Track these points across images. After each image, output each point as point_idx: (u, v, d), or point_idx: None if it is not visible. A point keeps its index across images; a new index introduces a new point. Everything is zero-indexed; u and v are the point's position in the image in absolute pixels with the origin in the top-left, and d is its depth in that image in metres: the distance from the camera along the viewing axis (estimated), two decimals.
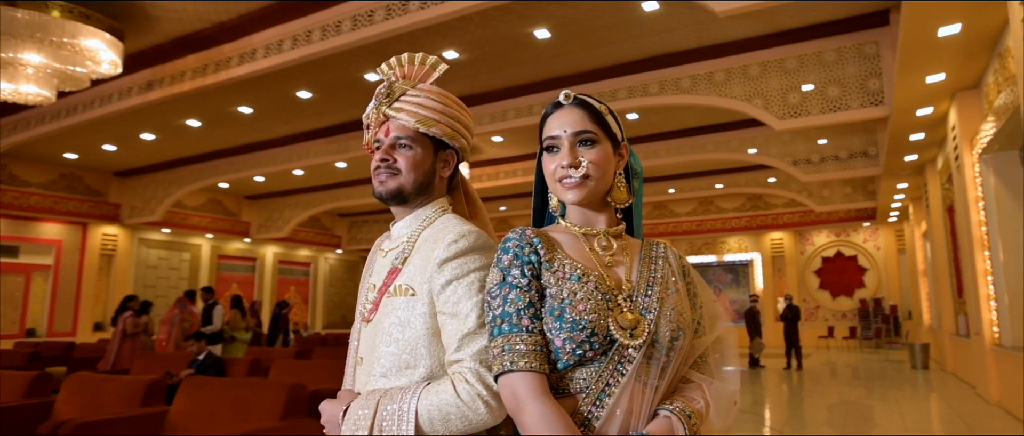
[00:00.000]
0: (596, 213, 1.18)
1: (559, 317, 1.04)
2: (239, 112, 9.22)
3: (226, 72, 7.24)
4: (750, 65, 7.53)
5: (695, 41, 7.34)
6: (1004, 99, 4.89)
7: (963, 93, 6.17)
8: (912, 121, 7.05)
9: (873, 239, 16.47)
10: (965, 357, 8.08)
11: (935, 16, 4.59)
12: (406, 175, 1.27)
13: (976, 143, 5.94)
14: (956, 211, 7.38)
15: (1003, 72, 4.97)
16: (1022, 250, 5.67)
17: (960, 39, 4.94)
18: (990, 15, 4.58)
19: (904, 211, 13.79)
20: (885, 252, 16.27)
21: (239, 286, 15.96)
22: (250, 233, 15.60)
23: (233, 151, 11.35)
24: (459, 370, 1.11)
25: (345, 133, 10.26)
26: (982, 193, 6.02)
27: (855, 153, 10.08)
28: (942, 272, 9.23)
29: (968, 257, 6.72)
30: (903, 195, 11.92)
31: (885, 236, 16.24)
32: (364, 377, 1.26)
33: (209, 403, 3.70)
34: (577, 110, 1.17)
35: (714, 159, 11.10)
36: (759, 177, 13.37)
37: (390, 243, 1.35)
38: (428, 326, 1.18)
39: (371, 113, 1.32)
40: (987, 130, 5.53)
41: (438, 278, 1.17)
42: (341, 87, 8.40)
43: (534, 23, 6.64)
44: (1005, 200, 5.80)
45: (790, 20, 6.77)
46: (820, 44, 7.07)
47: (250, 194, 15.21)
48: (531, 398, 1.00)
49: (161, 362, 6.12)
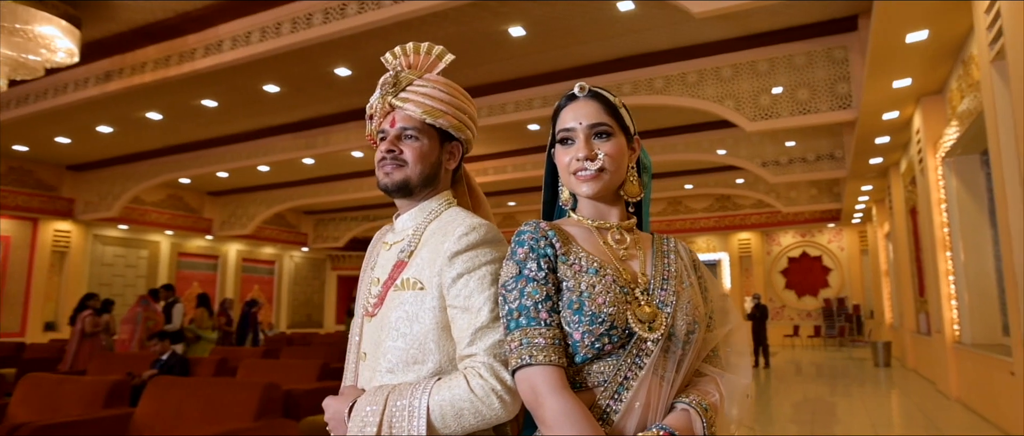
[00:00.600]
0: (609, 207, 1.18)
1: (578, 310, 1.04)
2: (203, 105, 9.00)
3: (190, 64, 7.07)
4: (722, 67, 7.67)
5: (669, 42, 7.44)
6: (968, 104, 5.09)
7: (928, 98, 6.40)
8: (878, 125, 7.29)
9: (837, 240, 16.96)
10: (926, 354, 8.39)
11: (904, 22, 4.75)
12: (413, 167, 1.26)
13: (940, 147, 6.18)
14: (919, 213, 7.66)
15: (966, 78, 5.18)
16: (982, 251, 5.92)
17: (926, 45, 5.13)
18: (955, 22, 4.76)
19: (867, 213, 14.24)
20: (849, 253, 16.77)
21: (200, 284, 15.60)
22: (212, 230, 15.25)
23: (195, 145, 11.07)
24: (472, 364, 1.10)
25: (313, 128, 10.11)
26: (945, 195, 6.26)
27: (822, 155, 10.36)
28: (904, 272, 9.56)
29: (930, 257, 6.98)
30: (867, 197, 12.31)
31: (849, 237, 16.74)
32: (368, 373, 1.24)
33: (177, 404, 3.61)
34: (592, 102, 1.16)
35: (684, 159, 11.28)
36: (728, 178, 13.63)
37: (394, 236, 1.33)
38: (437, 320, 1.17)
39: (376, 103, 1.29)
40: (951, 134, 5.75)
41: (449, 271, 1.16)
42: (310, 82, 8.28)
43: (509, 21, 6.65)
44: (967, 202, 6.04)
45: (762, 23, 6.92)
46: (791, 48, 7.25)
47: (213, 190, 14.87)
48: (551, 392, 0.99)
49: (121, 362, 5.95)
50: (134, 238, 14.34)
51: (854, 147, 8.28)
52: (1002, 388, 4.70)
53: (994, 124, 4.10)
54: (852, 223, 15.86)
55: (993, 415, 5.21)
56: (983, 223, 5.93)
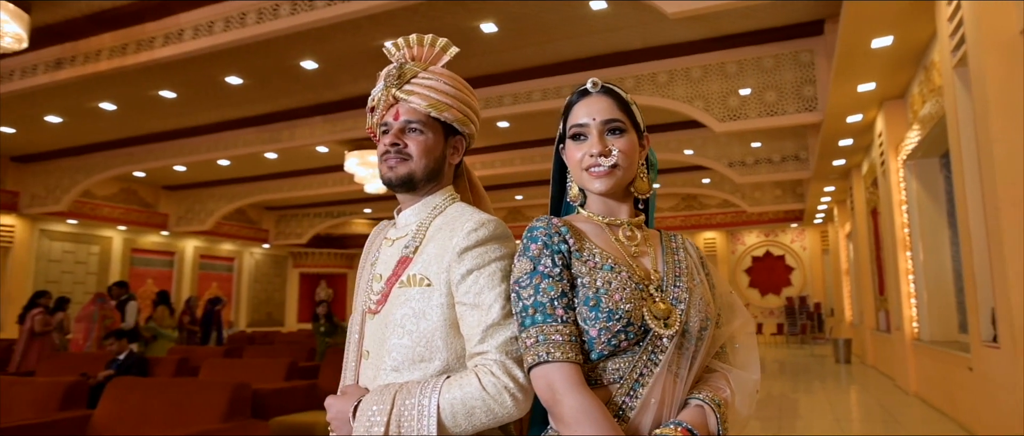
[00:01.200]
0: (618, 203, 1.18)
1: (594, 307, 1.04)
2: (160, 96, 8.75)
3: (148, 53, 6.85)
4: (692, 68, 7.81)
5: (640, 42, 7.54)
6: (929, 109, 5.30)
7: (890, 102, 6.64)
8: (842, 127, 7.52)
9: (800, 239, 17.45)
10: (885, 351, 8.70)
11: (871, 28, 4.91)
12: (417, 161, 1.24)
13: (901, 150, 6.41)
14: (880, 214, 7.93)
15: (928, 84, 5.39)
16: (941, 251, 6.17)
17: (891, 50, 5.31)
18: (919, 29, 4.95)
19: (829, 213, 14.67)
20: (811, 252, 17.27)
21: (155, 282, 15.16)
22: (168, 226, 14.83)
23: (152, 138, 10.75)
24: (483, 362, 1.09)
25: (277, 122, 9.92)
26: (905, 197, 6.51)
27: (787, 156, 10.64)
28: (865, 271, 9.90)
29: (891, 257, 7.25)
30: (829, 198, 12.69)
31: (811, 237, 17.23)
32: (371, 372, 1.22)
33: (139, 405, 3.51)
34: (605, 98, 1.16)
35: None
36: (694, 177, 13.88)
37: (396, 231, 1.31)
38: (445, 317, 1.16)
39: (379, 95, 1.27)
40: (912, 138, 5.97)
41: (458, 268, 1.15)
42: (275, 74, 8.12)
43: (481, 16, 6.64)
44: (926, 204, 6.29)
45: (732, 25, 7.06)
46: (759, 50, 7.42)
47: (169, 184, 14.46)
48: (569, 389, 0.99)
49: (73, 362, 5.75)
50: (84, 233, 13.84)
51: (818, 149, 8.52)
52: (960, 383, 4.92)
53: (956, 129, 4.28)
54: (814, 223, 16.33)
55: (951, 410, 5.44)
56: (942, 224, 6.18)
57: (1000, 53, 3.60)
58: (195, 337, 9.81)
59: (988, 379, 3.98)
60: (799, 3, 6.31)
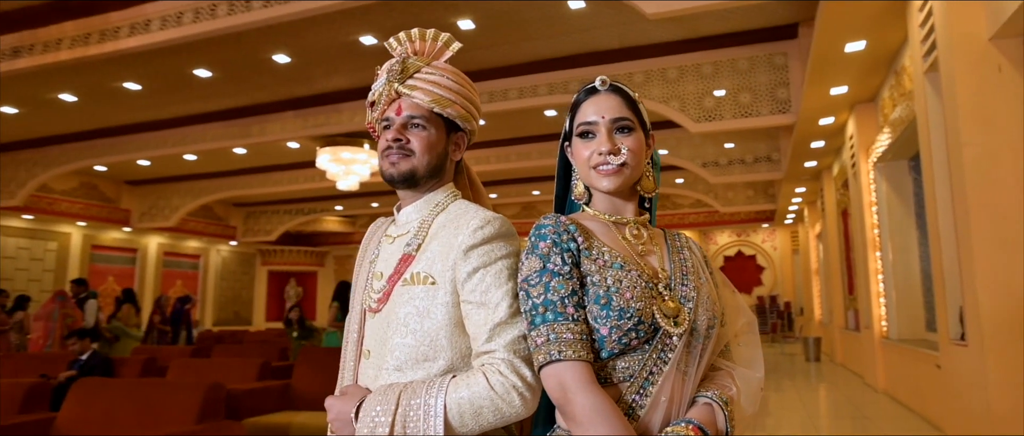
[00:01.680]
0: (624, 202, 1.19)
1: (606, 305, 1.04)
2: (125, 88, 8.52)
3: (113, 43, 6.67)
4: (668, 68, 7.90)
5: (617, 42, 7.60)
6: (899, 113, 5.46)
7: (861, 105, 6.81)
8: (815, 129, 7.70)
9: (771, 239, 17.79)
10: (854, 349, 8.93)
11: (844, 32, 5.04)
12: (420, 157, 1.23)
13: (871, 152, 6.59)
14: (850, 215, 8.14)
15: (898, 88, 5.55)
16: (909, 251, 6.36)
17: (863, 55, 5.45)
18: (891, 34, 5.09)
19: (800, 214, 15.00)
20: (781, 252, 17.63)
21: (116, 279, 14.77)
22: (130, 222, 14.46)
23: (114, 131, 10.45)
24: (491, 361, 1.08)
25: (247, 117, 9.75)
26: (875, 198, 6.69)
27: (760, 157, 10.84)
28: (834, 271, 10.14)
29: (861, 257, 7.44)
30: (800, 198, 12.96)
31: (781, 237, 17.59)
32: (373, 372, 1.21)
33: (107, 407, 3.42)
34: (614, 96, 1.17)
35: None
36: (668, 177, 14.04)
37: (397, 228, 1.30)
38: (450, 316, 1.15)
39: (381, 90, 1.26)
40: (883, 141, 6.14)
41: (463, 266, 1.14)
42: (246, 68, 7.98)
43: (458, 13, 6.62)
44: (896, 205, 6.47)
45: (708, 27, 7.16)
46: (735, 52, 7.54)
47: (132, 179, 14.09)
48: (581, 388, 0.99)
49: (31, 363, 5.57)
50: (41, 229, 13.41)
51: (791, 150, 8.70)
52: (928, 381, 5.08)
53: (926, 132, 4.41)
54: (785, 224, 16.68)
55: (919, 406, 5.61)
56: (910, 225, 6.37)
57: (970, 59, 3.72)
58: (167, 336, 9.60)
59: (956, 376, 4.12)
60: (774, 7, 6.43)
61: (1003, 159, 3.60)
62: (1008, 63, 3.65)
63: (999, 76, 3.66)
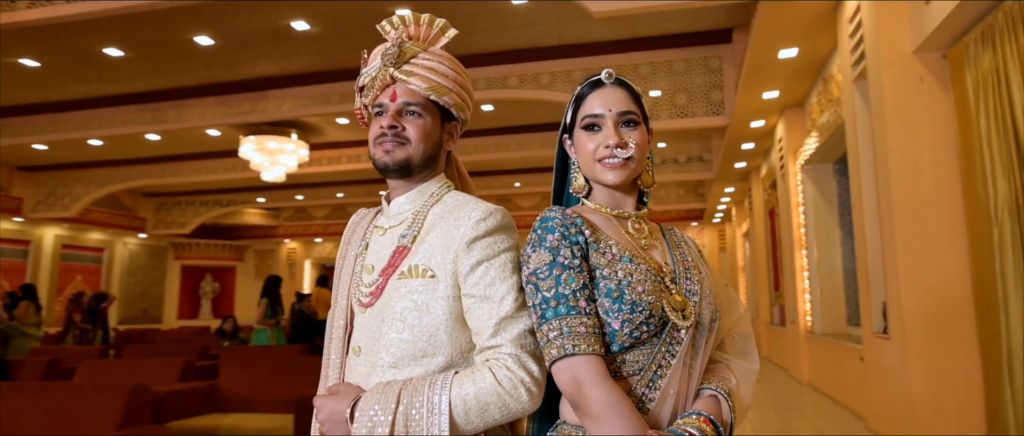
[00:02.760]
0: (625, 196, 1.20)
1: (618, 299, 1.04)
2: (19, 64, 7.87)
3: (10, 14, 6.16)
4: (606, 68, 8.08)
5: (557, 39, 7.69)
6: (827, 118, 5.80)
7: (790, 110, 7.20)
8: (746, 132, 8.07)
9: (699, 238, 18.47)
10: (780, 343, 9.44)
11: (779, 39, 5.31)
12: (416, 145, 1.21)
13: (799, 155, 6.97)
14: (777, 214, 8.58)
15: (826, 94, 5.90)
16: (832, 250, 6.78)
17: (795, 62, 5.77)
18: (821, 43, 5.40)
19: (727, 213, 15.68)
20: (709, 250, 18.33)
21: (4, 274, 13.63)
22: (22, 211, 13.37)
23: (5, 111, 9.66)
24: (497, 356, 1.07)
25: (162, 101, 9.22)
26: (802, 199, 7.09)
27: (692, 157, 11.26)
28: (761, 268, 10.67)
29: (787, 255, 7.88)
30: (728, 198, 13.56)
31: (709, 235, 18.31)
32: (364, 369, 1.17)
33: (10, 414, 3.16)
34: (620, 90, 1.18)
35: None
36: None
37: (389, 220, 1.27)
38: (451, 310, 1.13)
39: (374, 74, 1.22)
40: (810, 144, 6.51)
41: (466, 259, 1.12)
42: (164, 48, 7.54)
43: (399, 1, 6.52)
44: (821, 206, 6.89)
45: (647, 28, 7.37)
46: (671, 54, 7.79)
47: (25, 165, 13.03)
48: (595, 382, 0.99)
49: None
50: None
51: (723, 151, 9.08)
52: (851, 372, 5.44)
53: (854, 137, 4.71)
54: (713, 222, 17.37)
55: (842, 397, 6.00)
56: (834, 225, 6.79)
57: (896, 70, 4.01)
58: (87, 335, 8.95)
59: (878, 367, 4.43)
60: (711, 12, 6.69)
61: (924, 164, 3.90)
62: (929, 74, 3.96)
63: (921, 86, 3.96)
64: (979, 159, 3.46)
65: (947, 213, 3.80)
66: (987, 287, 3.42)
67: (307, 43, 7.45)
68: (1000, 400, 3.31)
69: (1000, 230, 3.28)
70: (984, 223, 3.42)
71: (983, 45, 3.44)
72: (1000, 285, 3.27)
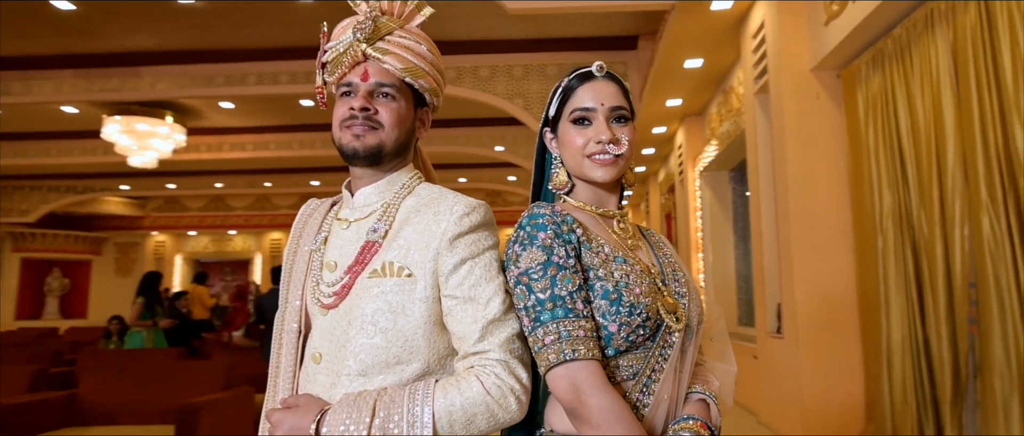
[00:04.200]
0: (609, 194, 1.18)
1: (616, 301, 1.01)
2: None
3: None
4: (514, 66, 8.19)
5: (466, 34, 7.69)
6: (726, 127, 6.22)
7: (690, 118, 7.63)
8: (648, 137, 8.47)
9: None
10: None
11: (686, 49, 5.62)
12: (389, 131, 1.14)
13: (698, 161, 7.41)
14: (675, 218, 9.07)
15: (726, 105, 6.32)
16: (726, 253, 7.26)
17: (700, 72, 6.13)
18: (725, 55, 5.78)
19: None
20: None
21: None
22: None
23: None
24: (484, 363, 1.02)
25: (5, 70, 8.24)
26: (700, 204, 7.54)
27: None
28: None
29: (685, 258, 8.33)
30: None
31: None
32: (326, 378, 1.08)
33: None
34: (612, 84, 1.16)
35: (463, 152, 11.72)
36: (501, 174, 14.52)
37: (353, 212, 1.18)
38: (429, 313, 1.06)
39: (343, 49, 1.14)
40: (709, 152, 6.94)
41: (449, 257, 1.06)
42: (11, 10, 6.73)
43: None
44: (717, 211, 7.36)
45: (556, 30, 7.54)
46: (578, 57, 8.01)
47: None
48: (596, 389, 0.96)
49: None
50: None
51: None
52: (744, 370, 5.83)
53: (754, 147, 5.08)
54: None
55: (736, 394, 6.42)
56: (728, 230, 7.28)
57: (795, 85, 4.37)
58: None
59: (771, 365, 4.81)
60: (619, 18, 6.96)
61: (818, 175, 4.28)
62: (824, 91, 4.36)
63: (817, 102, 4.35)
64: (867, 172, 3.84)
65: (837, 221, 4.20)
66: (871, 290, 3.81)
67: (190, 17, 6.95)
68: (879, 394, 3.71)
69: (884, 238, 3.66)
70: (870, 231, 3.80)
71: (874, 68, 3.83)
72: (883, 288, 3.66)
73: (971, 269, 3.00)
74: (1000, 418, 2.69)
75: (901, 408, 3.46)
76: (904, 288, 3.50)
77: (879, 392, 3.69)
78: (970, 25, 2.93)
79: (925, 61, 3.31)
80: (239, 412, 4.28)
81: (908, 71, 3.48)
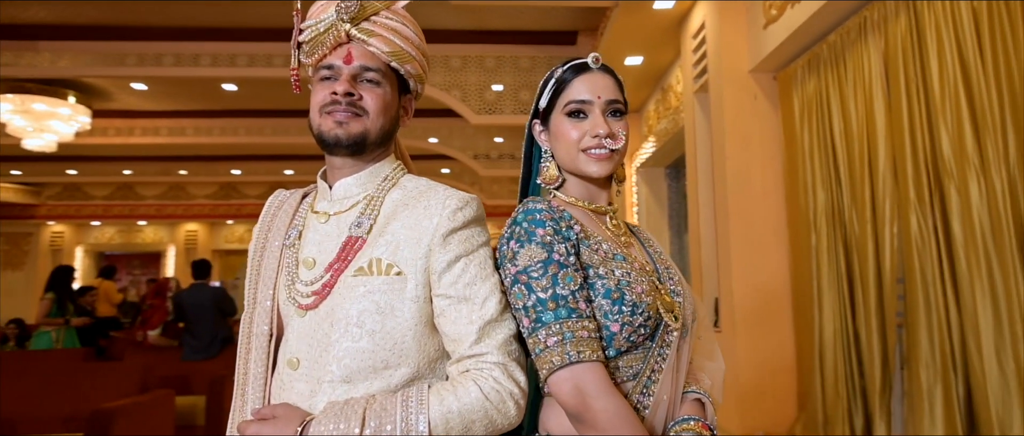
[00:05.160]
0: (600, 189, 1.16)
1: (618, 300, 0.99)
2: None
3: None
4: (452, 57, 8.13)
5: None
6: (664, 125, 6.40)
7: (629, 116, 7.80)
8: None
9: None
10: None
11: (626, 47, 5.75)
12: (374, 118, 1.09)
13: (636, 158, 7.59)
14: None
15: (664, 103, 6.50)
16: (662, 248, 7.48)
17: (639, 70, 6.28)
18: (664, 54, 5.94)
19: None
20: None
21: None
22: None
23: None
24: (481, 366, 0.98)
25: None
26: (637, 200, 7.73)
27: None
28: None
29: None
30: None
31: None
32: (305, 386, 1.01)
33: None
34: (607, 76, 1.15)
35: None
36: (434, 166, 14.36)
37: (332, 205, 1.12)
38: (420, 314, 1.02)
39: (324, 29, 1.08)
40: (647, 149, 7.12)
41: (442, 254, 1.02)
42: None
43: None
44: (653, 208, 7.56)
45: (496, 22, 7.53)
46: (517, 50, 8.04)
47: None
48: (602, 392, 0.94)
49: None
50: None
51: None
52: None
53: (692, 146, 5.25)
54: None
55: None
56: (664, 226, 7.50)
57: (734, 86, 4.55)
58: None
59: None
60: (560, 13, 7.03)
61: (754, 173, 4.47)
62: (762, 93, 4.56)
63: (755, 103, 4.54)
64: (802, 172, 4.05)
65: (773, 218, 4.41)
66: (804, 285, 4.02)
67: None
68: (811, 384, 3.92)
69: (818, 235, 3.87)
70: (804, 228, 4.01)
71: (809, 71, 4.04)
72: (815, 284, 3.87)
73: (900, 265, 3.21)
74: (925, 407, 2.91)
75: (833, 398, 3.67)
76: (836, 283, 3.71)
77: (812, 383, 3.90)
78: (901, 33, 3.14)
79: (858, 67, 3.52)
80: (158, 417, 4.05)
81: (842, 76, 3.69)
